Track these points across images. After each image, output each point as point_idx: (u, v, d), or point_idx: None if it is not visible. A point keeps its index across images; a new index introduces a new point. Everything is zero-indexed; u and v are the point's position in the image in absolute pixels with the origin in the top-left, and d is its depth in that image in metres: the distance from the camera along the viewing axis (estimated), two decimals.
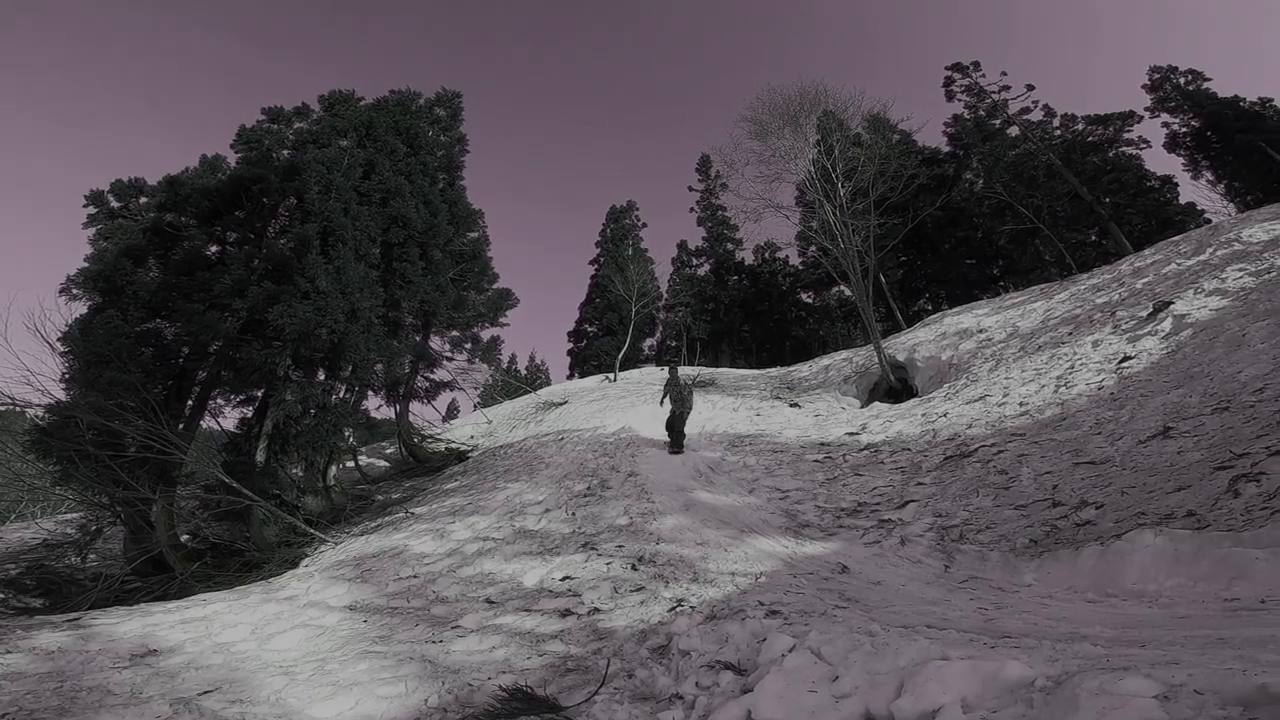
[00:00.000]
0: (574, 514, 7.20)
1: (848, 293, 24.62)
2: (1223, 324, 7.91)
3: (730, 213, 33.11)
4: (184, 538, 9.64)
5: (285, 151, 13.04)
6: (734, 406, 13.52)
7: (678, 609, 4.28)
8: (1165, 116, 29.81)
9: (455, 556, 6.43)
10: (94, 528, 10.33)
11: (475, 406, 17.86)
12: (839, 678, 2.74)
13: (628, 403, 14.60)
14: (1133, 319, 9.85)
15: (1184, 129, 29.36)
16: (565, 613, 4.58)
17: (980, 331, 13.28)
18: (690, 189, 38.81)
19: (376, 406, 14.15)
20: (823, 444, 9.66)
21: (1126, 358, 8.38)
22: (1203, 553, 3.55)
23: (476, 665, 3.77)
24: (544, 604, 4.80)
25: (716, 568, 5.19)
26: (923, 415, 9.79)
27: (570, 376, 33.24)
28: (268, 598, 5.80)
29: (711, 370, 20.28)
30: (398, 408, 13.79)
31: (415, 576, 5.98)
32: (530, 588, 5.26)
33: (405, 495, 11.00)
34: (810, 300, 35.51)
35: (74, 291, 11.58)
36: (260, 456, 10.06)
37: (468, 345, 15.30)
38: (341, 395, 11.86)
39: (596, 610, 4.53)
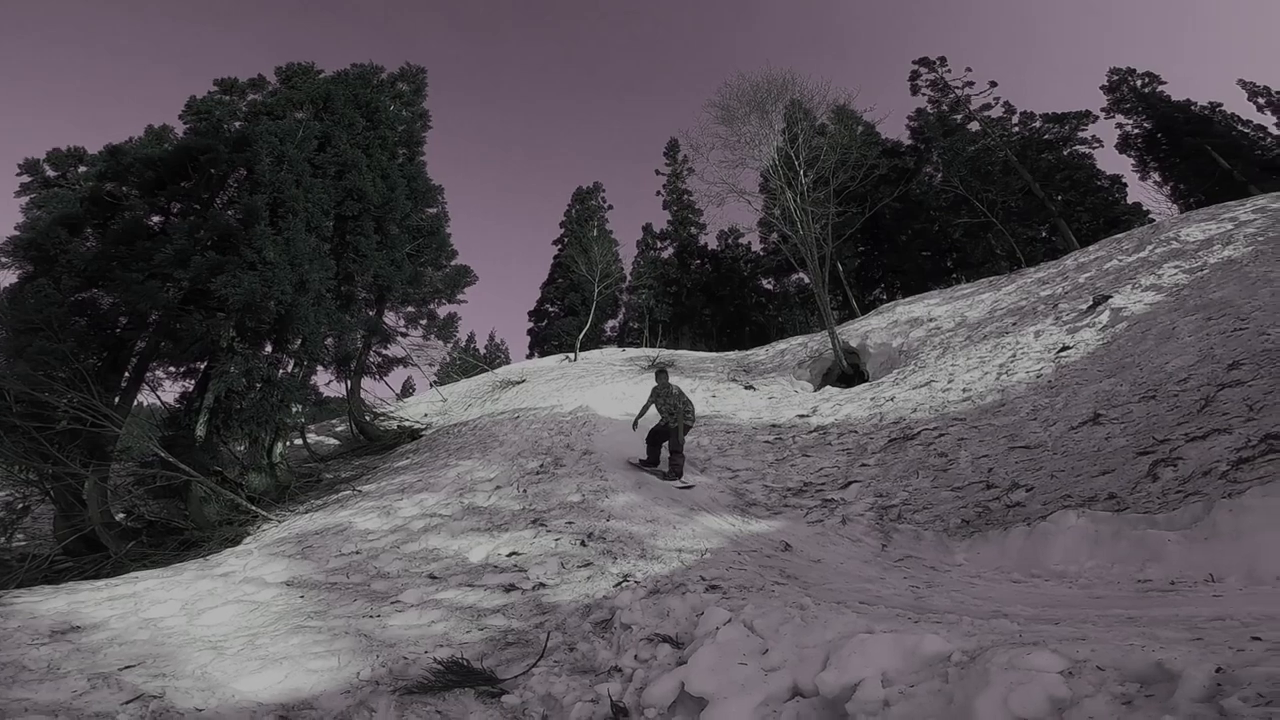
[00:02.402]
0: (525, 491, 7.18)
1: (806, 279, 24.93)
2: (1155, 318, 8.27)
3: (695, 197, 33.29)
4: (119, 516, 9.29)
5: (237, 123, 12.72)
6: (691, 388, 13.62)
7: (623, 584, 4.32)
8: (1120, 118, 30.64)
9: (400, 533, 6.37)
10: (21, 506, 9.89)
11: (431, 384, 17.55)
12: (769, 651, 2.78)
13: (587, 382, 14.59)
14: (1073, 311, 10.23)
15: (1136, 130, 30.26)
16: (509, 588, 4.58)
17: (930, 320, 13.63)
18: (657, 172, 38.65)
19: (326, 382, 13.96)
20: (774, 426, 9.81)
21: (1065, 348, 8.71)
22: (1121, 534, 3.72)
23: (414, 639, 3.75)
24: (488, 579, 4.79)
25: (664, 544, 5.25)
26: (871, 399, 10.02)
27: (530, 356, 33.00)
28: (202, 574, 5.64)
29: (671, 352, 20.41)
30: (349, 383, 13.49)
31: (357, 553, 5.90)
32: (476, 563, 5.25)
33: (354, 473, 10.80)
34: (770, 286, 35.90)
35: (2, 260, 10.96)
36: (201, 431, 9.74)
37: (423, 321, 15.06)
38: (290, 369, 11.57)
39: (542, 585, 4.54)
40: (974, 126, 29.75)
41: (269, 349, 11.05)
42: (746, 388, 13.51)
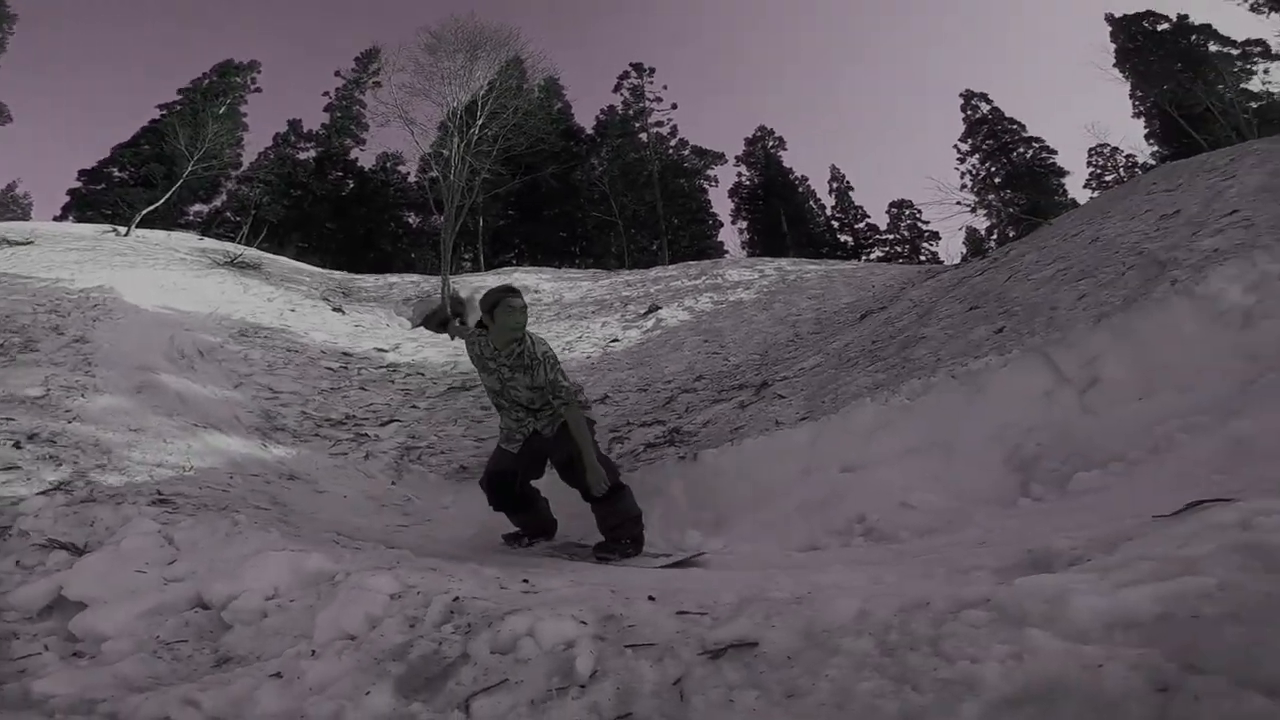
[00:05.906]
0: None
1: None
2: (678, 332, 10.49)
3: (367, 111, 30.57)
4: None
5: None
6: (270, 296, 12.19)
7: (52, 492, 3.59)
8: (744, 168, 37.71)
9: None
10: None
11: None
12: (177, 561, 2.69)
13: (127, 261, 11.81)
14: (635, 314, 12.30)
15: (747, 182, 37.61)
16: None
17: (536, 293, 14.83)
18: (337, 73, 35.05)
19: None
20: (346, 354, 9.45)
21: (615, 340, 10.47)
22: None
23: None
24: None
25: (141, 457, 4.53)
26: (454, 347, 10.39)
27: (63, 219, 25.53)
28: None
29: (260, 254, 17.63)
30: None
31: None
32: None
33: None
34: (414, 222, 34.72)
35: None
36: None
37: None
38: None
39: None
40: (644, 137, 33.42)
41: None
42: (335, 309, 12.70)
